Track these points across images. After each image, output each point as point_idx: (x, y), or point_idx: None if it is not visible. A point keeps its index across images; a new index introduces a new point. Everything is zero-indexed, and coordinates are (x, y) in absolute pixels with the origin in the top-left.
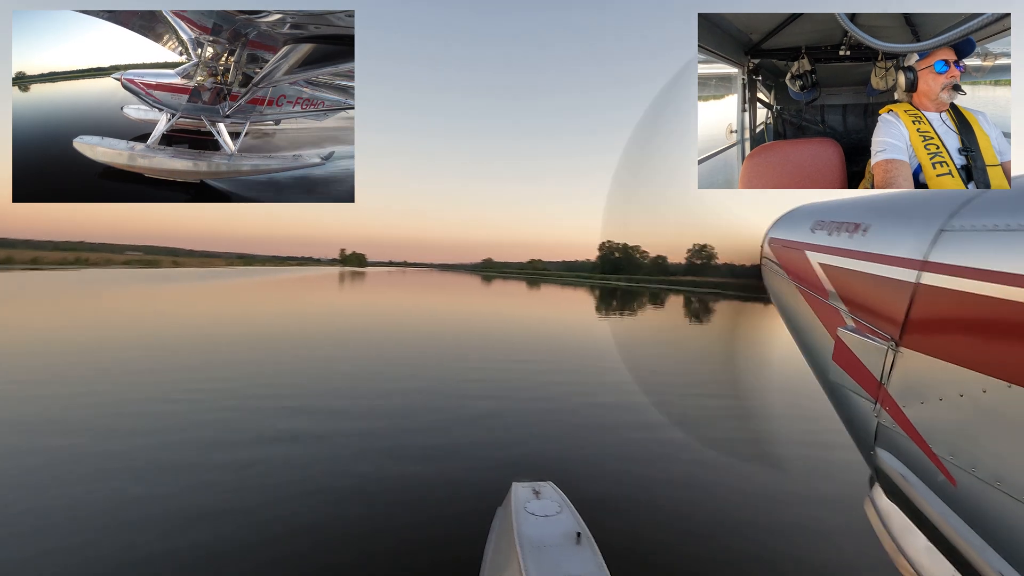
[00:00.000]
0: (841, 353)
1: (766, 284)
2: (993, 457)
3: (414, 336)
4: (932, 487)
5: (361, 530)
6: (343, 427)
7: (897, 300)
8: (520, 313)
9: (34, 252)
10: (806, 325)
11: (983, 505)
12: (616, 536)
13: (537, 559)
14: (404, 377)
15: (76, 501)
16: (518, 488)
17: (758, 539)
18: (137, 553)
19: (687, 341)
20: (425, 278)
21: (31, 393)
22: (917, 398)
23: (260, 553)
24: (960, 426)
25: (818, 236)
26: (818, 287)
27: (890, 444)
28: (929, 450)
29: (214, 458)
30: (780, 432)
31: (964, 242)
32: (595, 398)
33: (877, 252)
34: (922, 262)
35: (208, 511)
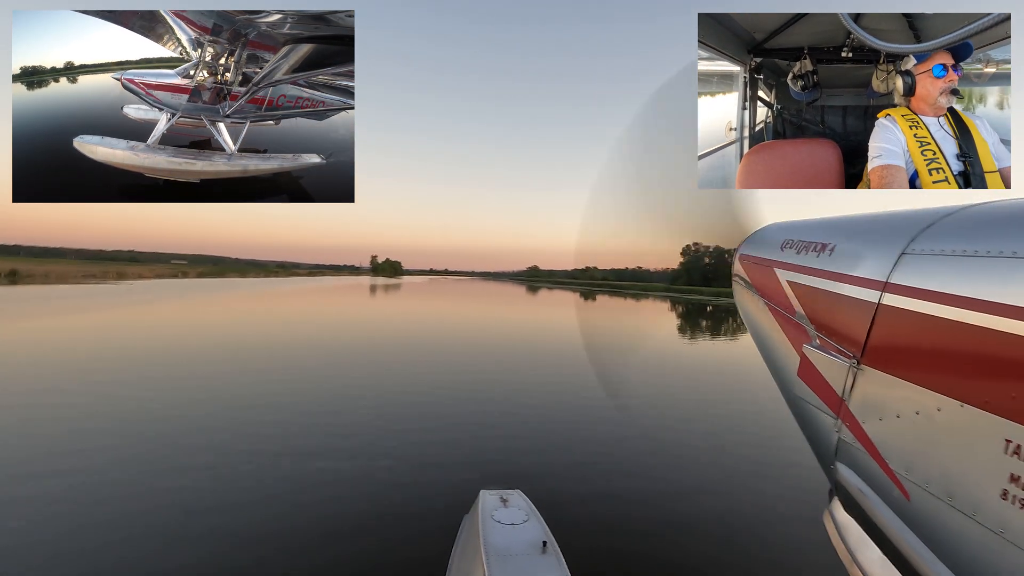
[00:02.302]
0: (805, 369)
1: (736, 300)
2: (945, 474)
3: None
4: (888, 501)
5: (325, 534)
6: (312, 432)
7: (860, 319)
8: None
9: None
10: (773, 341)
11: (935, 520)
12: (583, 546)
13: (503, 567)
14: (411, 381)
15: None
16: (486, 496)
17: (723, 549)
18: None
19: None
20: (470, 287)
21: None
22: (876, 415)
23: (223, 560)
24: (915, 443)
25: (787, 254)
26: (785, 304)
27: (849, 459)
28: (886, 465)
29: (188, 462)
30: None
31: (924, 265)
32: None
33: (842, 272)
34: (884, 283)
35: (172, 521)
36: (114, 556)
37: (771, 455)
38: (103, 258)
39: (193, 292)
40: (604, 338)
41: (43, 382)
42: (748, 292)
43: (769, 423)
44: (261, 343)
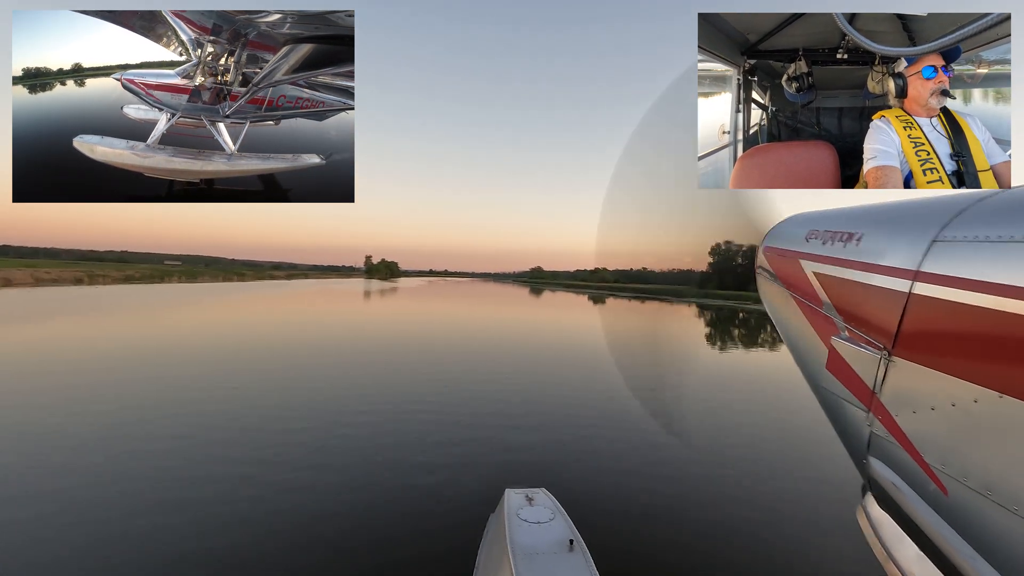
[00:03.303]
0: (834, 362)
1: (760, 293)
2: (984, 467)
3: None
4: (924, 496)
5: (353, 533)
6: (338, 431)
7: (890, 310)
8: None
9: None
10: (800, 334)
11: (974, 515)
12: (609, 544)
13: (529, 566)
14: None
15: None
16: (511, 495)
17: (751, 548)
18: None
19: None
20: (473, 289)
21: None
22: (909, 407)
23: (252, 561)
24: (952, 436)
25: (812, 245)
26: (812, 296)
27: (882, 453)
28: (921, 459)
29: (213, 470)
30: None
31: (956, 252)
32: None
33: (870, 262)
34: (915, 272)
35: (203, 520)
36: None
37: (801, 455)
38: (92, 258)
39: (155, 296)
40: (649, 359)
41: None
42: (773, 285)
43: (800, 424)
44: (262, 345)
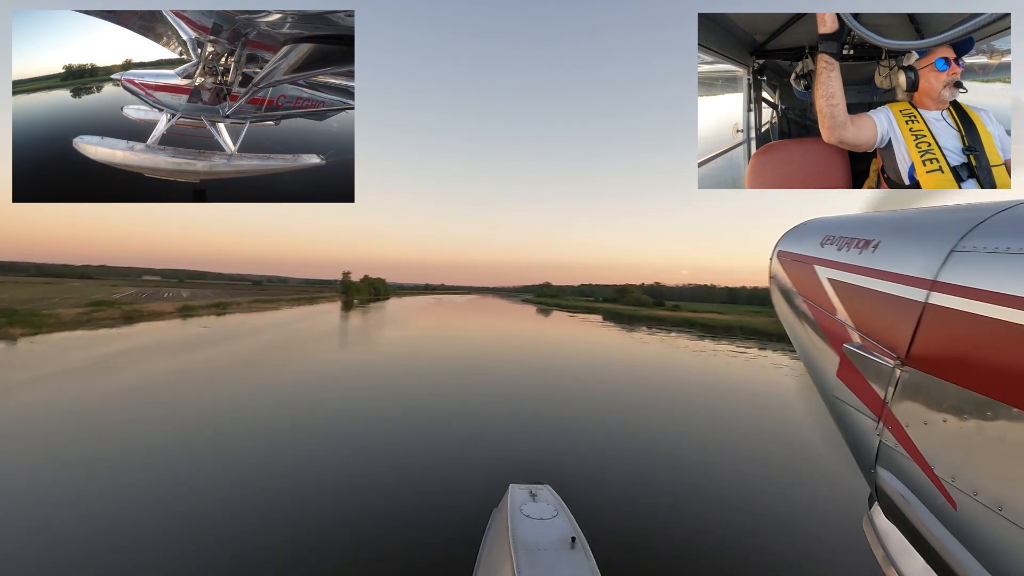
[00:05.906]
0: (846, 370)
1: (773, 298)
2: (996, 482)
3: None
4: (932, 509)
5: (359, 526)
6: (342, 428)
7: (905, 319)
8: None
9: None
10: (811, 340)
11: (984, 531)
12: (612, 541)
13: (531, 562)
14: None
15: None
16: (515, 490)
17: (752, 548)
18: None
19: None
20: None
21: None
22: (921, 419)
23: (264, 555)
24: (963, 449)
25: (827, 251)
26: (825, 302)
27: (891, 464)
28: (931, 472)
29: (229, 466)
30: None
31: (975, 263)
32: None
33: (887, 270)
34: (932, 282)
35: (210, 515)
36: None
37: (807, 458)
38: (58, 273)
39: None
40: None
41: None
42: (786, 289)
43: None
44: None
